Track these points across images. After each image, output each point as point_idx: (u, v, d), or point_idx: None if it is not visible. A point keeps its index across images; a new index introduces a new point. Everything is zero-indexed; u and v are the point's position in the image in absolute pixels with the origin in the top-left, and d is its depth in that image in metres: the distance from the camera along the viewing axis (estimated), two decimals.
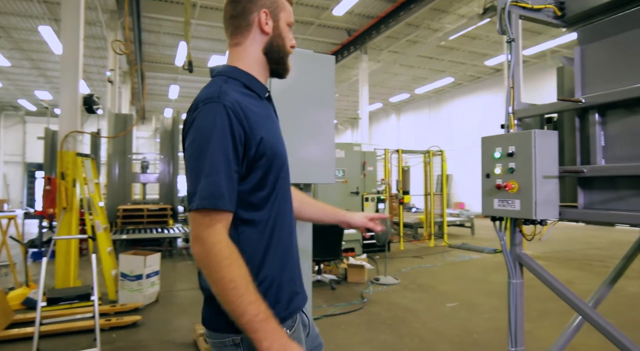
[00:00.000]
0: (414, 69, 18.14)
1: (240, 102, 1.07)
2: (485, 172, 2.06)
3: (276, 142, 1.16)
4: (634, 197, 1.74)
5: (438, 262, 7.66)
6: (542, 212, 1.83)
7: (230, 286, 0.96)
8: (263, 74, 1.24)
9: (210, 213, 1.00)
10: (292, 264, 1.22)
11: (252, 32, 1.20)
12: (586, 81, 1.93)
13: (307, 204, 1.52)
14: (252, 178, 1.09)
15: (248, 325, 0.96)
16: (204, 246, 0.99)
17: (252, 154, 1.07)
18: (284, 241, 1.18)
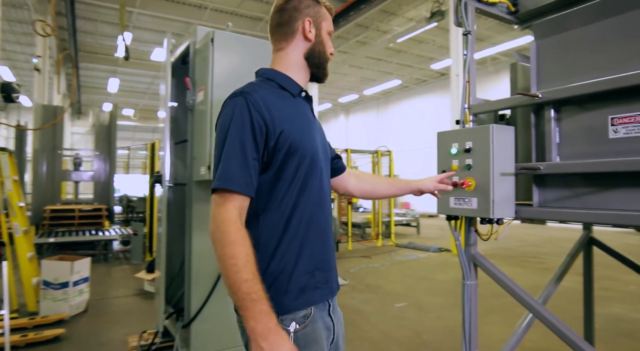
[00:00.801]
0: (363, 70, 18.34)
1: (265, 97, 1.17)
2: (441, 169, 1.97)
3: (302, 138, 1.20)
4: (588, 195, 1.70)
5: (386, 261, 7.69)
6: (500, 211, 1.76)
7: (230, 262, 1.01)
8: (302, 77, 1.33)
9: (224, 193, 1.09)
10: (314, 260, 1.23)
11: (296, 39, 1.31)
12: (541, 77, 1.88)
13: (380, 183, 1.68)
14: (272, 168, 1.16)
15: (239, 302, 1.01)
16: (214, 223, 1.07)
17: (272, 145, 1.14)
18: (305, 234, 1.21)
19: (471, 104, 2.06)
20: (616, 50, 1.65)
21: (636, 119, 1.57)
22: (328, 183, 1.37)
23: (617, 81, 1.56)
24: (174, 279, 3.27)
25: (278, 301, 1.12)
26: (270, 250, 1.16)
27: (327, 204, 1.32)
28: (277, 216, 1.18)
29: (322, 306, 1.25)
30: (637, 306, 4.84)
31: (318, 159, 1.27)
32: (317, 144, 1.29)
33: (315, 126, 1.35)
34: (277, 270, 1.16)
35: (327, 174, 1.37)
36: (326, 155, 1.38)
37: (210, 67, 2.49)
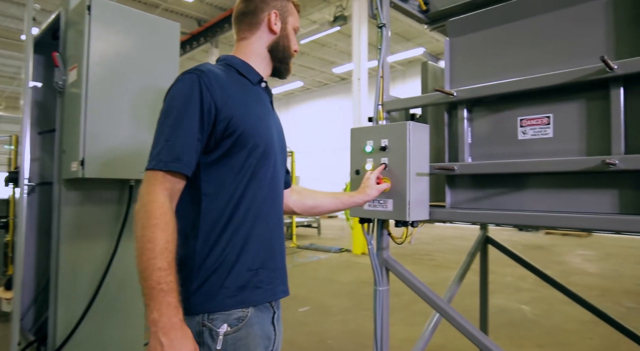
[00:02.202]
0: None
1: (220, 79, 1.12)
2: (355, 169, 1.83)
3: (255, 126, 1.15)
4: (498, 196, 1.69)
5: (288, 264, 7.52)
6: (416, 213, 1.67)
7: (147, 246, 0.95)
8: (263, 69, 1.29)
9: (156, 172, 1.02)
10: (260, 256, 1.15)
11: (260, 30, 1.28)
12: (455, 75, 1.85)
13: (323, 198, 1.57)
14: (219, 153, 1.10)
15: (147, 290, 0.94)
16: (140, 202, 1.00)
17: (221, 129, 1.08)
18: (253, 227, 1.14)
19: (385, 101, 1.96)
20: (525, 53, 1.66)
21: (542, 120, 1.58)
22: (282, 178, 1.31)
23: (524, 83, 1.56)
24: (37, 299, 2.69)
25: (212, 297, 1.06)
26: (212, 239, 1.08)
27: (279, 200, 1.27)
28: (223, 202, 1.10)
29: (264, 310, 1.16)
30: (515, 296, 5.35)
31: (272, 151, 1.21)
32: (272, 135, 1.23)
33: (273, 118, 1.30)
34: (216, 262, 1.07)
35: (282, 170, 1.32)
36: (283, 151, 1.33)
37: (86, 41, 2.05)
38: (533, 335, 4.04)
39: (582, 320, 4.27)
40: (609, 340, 3.78)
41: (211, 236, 1.09)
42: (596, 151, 1.46)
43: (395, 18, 12.44)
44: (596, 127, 1.47)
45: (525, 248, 8.95)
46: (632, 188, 1.40)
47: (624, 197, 1.41)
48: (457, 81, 1.85)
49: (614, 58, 1.41)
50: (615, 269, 7.01)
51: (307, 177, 20.08)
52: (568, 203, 1.53)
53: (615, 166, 1.31)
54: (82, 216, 2.23)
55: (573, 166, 1.41)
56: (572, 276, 6.46)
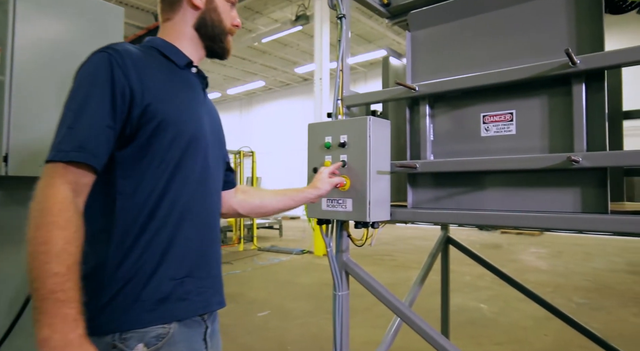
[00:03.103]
0: (227, 68, 17.71)
1: (137, 59, 0.98)
2: (312, 166, 1.72)
3: (180, 114, 1.01)
4: (461, 195, 1.63)
5: (248, 267, 7.34)
6: (376, 213, 1.58)
7: (40, 249, 0.79)
8: (194, 51, 1.15)
9: (55, 166, 0.87)
10: (188, 262, 1.01)
11: (183, 7, 1.13)
12: (417, 70, 1.78)
13: (270, 196, 1.42)
14: (136, 143, 0.95)
15: (38, 302, 0.77)
16: (35, 198, 0.85)
17: (136, 115, 0.94)
18: (178, 228, 0.99)
19: (345, 96, 1.87)
20: (488, 47, 1.61)
21: (505, 117, 1.54)
22: (218, 174, 1.18)
23: (486, 78, 1.50)
24: None
25: (124, 312, 0.91)
26: (126, 244, 0.93)
27: (213, 199, 1.13)
28: (141, 201, 0.95)
29: (193, 325, 1.02)
30: (474, 294, 5.43)
31: (201, 142, 1.07)
32: (202, 125, 1.09)
33: (206, 107, 1.16)
34: (131, 271, 0.92)
35: (219, 165, 1.19)
36: (219, 144, 1.20)
37: (10, 22, 1.82)
38: (491, 333, 4.08)
39: (537, 317, 4.37)
40: (562, 335, 3.88)
41: (126, 240, 0.93)
42: (559, 148, 1.42)
43: (357, 19, 12.50)
44: (559, 124, 1.43)
45: (482, 247, 9.18)
46: (594, 186, 1.37)
47: (586, 195, 1.38)
48: (419, 76, 1.78)
49: (576, 54, 1.37)
50: (565, 266, 7.30)
51: (270, 177, 19.83)
52: (531, 202, 1.49)
53: (578, 164, 1.28)
54: (6, 219, 1.99)
55: (537, 164, 1.37)
56: (527, 274, 6.65)
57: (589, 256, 8.23)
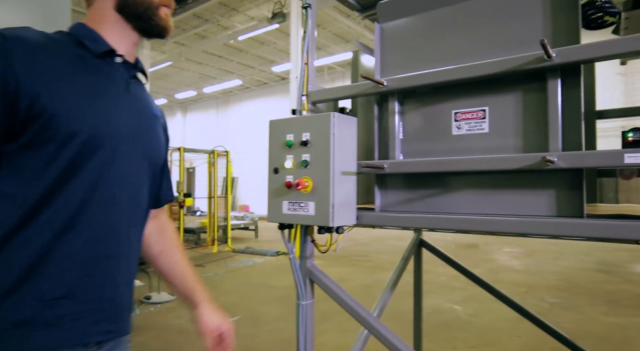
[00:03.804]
0: (202, 66, 17.36)
1: (28, 43, 0.85)
2: (273, 167, 1.59)
3: (76, 108, 0.87)
4: (432, 197, 1.53)
5: (221, 270, 7.13)
6: (340, 217, 1.46)
7: None
8: (122, 36, 1.01)
9: None
10: (67, 279, 0.86)
11: None
12: (386, 64, 1.67)
13: (170, 258, 1.21)
14: (23, 139, 0.83)
15: None
16: None
17: (23, 107, 0.82)
18: (59, 238, 0.84)
19: (310, 91, 1.74)
20: (461, 40, 1.52)
21: (477, 114, 1.44)
22: (135, 180, 1.00)
23: (458, 72, 1.40)
24: None
25: None
26: None
27: (119, 206, 0.95)
28: (15, 204, 0.83)
29: None
30: (448, 296, 5.39)
31: (108, 142, 0.92)
32: (114, 122, 0.94)
33: (131, 101, 1.01)
34: None
35: (138, 170, 1.02)
36: (143, 145, 1.03)
37: None
38: (466, 336, 4.03)
39: (511, 318, 4.34)
40: (535, 336, 3.85)
41: None
42: (533, 148, 1.33)
43: (334, 18, 12.41)
44: (533, 122, 1.34)
45: (458, 247, 9.22)
46: (569, 188, 1.28)
47: (561, 198, 1.30)
48: (389, 70, 1.67)
49: (551, 48, 1.29)
50: (538, 266, 7.38)
51: (247, 178, 19.56)
52: (505, 205, 1.39)
53: (553, 164, 1.19)
54: None
55: (510, 164, 1.27)
56: (501, 274, 6.68)
57: (561, 255, 8.36)
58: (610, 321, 4.46)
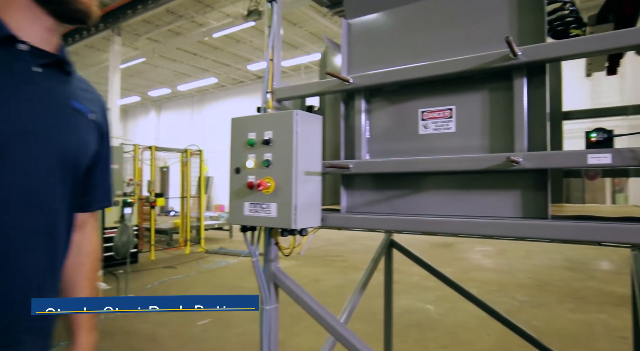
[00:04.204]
0: (177, 64, 17.00)
1: None
2: (235, 166, 1.52)
3: None
4: (398, 198, 1.49)
5: (192, 271, 6.97)
6: (304, 219, 1.40)
7: None
8: (33, 20, 0.90)
9: None
10: None
11: None
12: (353, 61, 1.63)
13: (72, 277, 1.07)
14: None
15: None
16: None
17: None
18: None
19: (275, 88, 1.68)
20: (429, 37, 1.48)
21: (444, 113, 1.41)
22: (39, 182, 0.90)
23: (424, 70, 1.37)
24: None
25: None
26: None
27: (17, 211, 0.85)
28: None
29: None
30: (421, 295, 5.41)
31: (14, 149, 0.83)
32: (4, 117, 0.83)
33: (32, 95, 0.89)
34: None
35: (43, 171, 0.91)
36: (58, 147, 0.93)
37: None
38: (437, 336, 4.04)
39: (481, 316, 4.35)
40: (504, 334, 3.87)
41: None
42: (499, 148, 1.30)
43: (311, 17, 12.36)
44: (499, 122, 1.32)
45: (432, 246, 9.31)
46: (534, 188, 1.26)
47: (526, 199, 1.28)
48: (356, 67, 1.62)
49: (517, 46, 1.26)
50: (509, 264, 7.51)
51: (222, 177, 19.27)
52: (472, 207, 1.37)
53: (518, 165, 1.16)
54: None
55: (475, 165, 1.24)
56: (472, 273, 6.77)
57: (531, 254, 8.55)
58: (577, 317, 4.57)
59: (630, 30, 1.05)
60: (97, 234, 1.17)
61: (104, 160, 1.09)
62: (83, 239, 1.11)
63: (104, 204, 1.12)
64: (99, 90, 1.20)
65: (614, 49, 1.12)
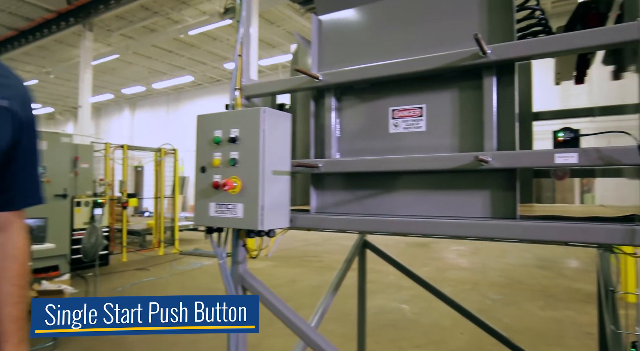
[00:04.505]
0: (152, 61, 16.65)
1: None
2: (200, 165, 1.46)
3: None
4: (369, 198, 1.46)
5: (165, 273, 6.81)
6: (271, 220, 1.35)
7: None
8: None
9: None
10: None
11: None
12: (324, 58, 1.59)
13: None
14: None
15: None
16: None
17: None
18: None
19: (243, 85, 1.63)
20: (401, 35, 1.46)
21: (415, 112, 1.39)
22: None
23: (394, 67, 1.34)
24: None
25: None
26: None
27: None
28: None
29: None
30: (396, 295, 5.43)
31: None
32: None
33: None
34: None
35: None
36: None
37: None
38: (412, 335, 4.06)
39: (455, 316, 4.38)
40: (477, 332, 3.92)
41: None
42: (469, 147, 1.29)
43: (289, 16, 12.29)
44: (469, 121, 1.30)
45: (408, 246, 9.38)
46: (503, 188, 1.26)
47: (495, 199, 1.27)
48: (326, 65, 1.59)
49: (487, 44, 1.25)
50: (483, 263, 7.64)
51: None
52: (442, 207, 1.35)
53: (487, 164, 1.15)
54: None
55: (445, 164, 1.23)
56: (447, 272, 6.84)
57: (504, 252, 8.72)
58: (547, 315, 4.67)
59: (596, 31, 1.06)
60: (24, 235, 1.06)
61: (26, 154, 0.99)
62: (7, 241, 1.01)
63: (30, 201, 1.03)
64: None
65: (581, 49, 1.12)
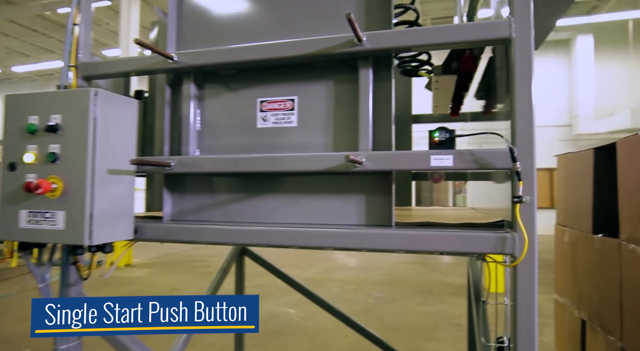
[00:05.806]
0: (10, 40, 14.27)
1: None
2: (8, 160, 1.10)
3: None
4: (233, 203, 1.25)
5: (13, 290, 5.75)
6: (105, 232, 1.06)
7: None
8: None
9: None
10: None
11: None
12: (183, 36, 1.34)
13: None
14: None
15: None
16: None
17: None
18: None
19: (80, 62, 1.30)
20: (272, 16, 1.27)
21: (286, 105, 1.22)
22: None
23: (260, 50, 1.15)
24: None
25: None
26: None
27: None
28: None
29: None
30: (284, 299, 5.29)
31: None
32: None
33: None
34: None
35: None
36: None
37: None
38: (297, 341, 3.94)
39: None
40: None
41: None
42: (344, 146, 1.16)
43: None
44: (344, 117, 1.17)
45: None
46: (379, 193, 1.15)
47: (371, 205, 1.15)
48: (186, 44, 1.33)
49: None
50: (368, 262, 7.93)
51: None
52: (315, 213, 1.20)
53: (361, 166, 1.02)
54: None
55: (315, 165, 1.07)
56: (335, 272, 6.94)
57: None
58: (423, 309, 4.93)
59: (468, 25, 0.99)
60: None
61: None
62: None
63: None
64: None
65: (453, 44, 1.05)
